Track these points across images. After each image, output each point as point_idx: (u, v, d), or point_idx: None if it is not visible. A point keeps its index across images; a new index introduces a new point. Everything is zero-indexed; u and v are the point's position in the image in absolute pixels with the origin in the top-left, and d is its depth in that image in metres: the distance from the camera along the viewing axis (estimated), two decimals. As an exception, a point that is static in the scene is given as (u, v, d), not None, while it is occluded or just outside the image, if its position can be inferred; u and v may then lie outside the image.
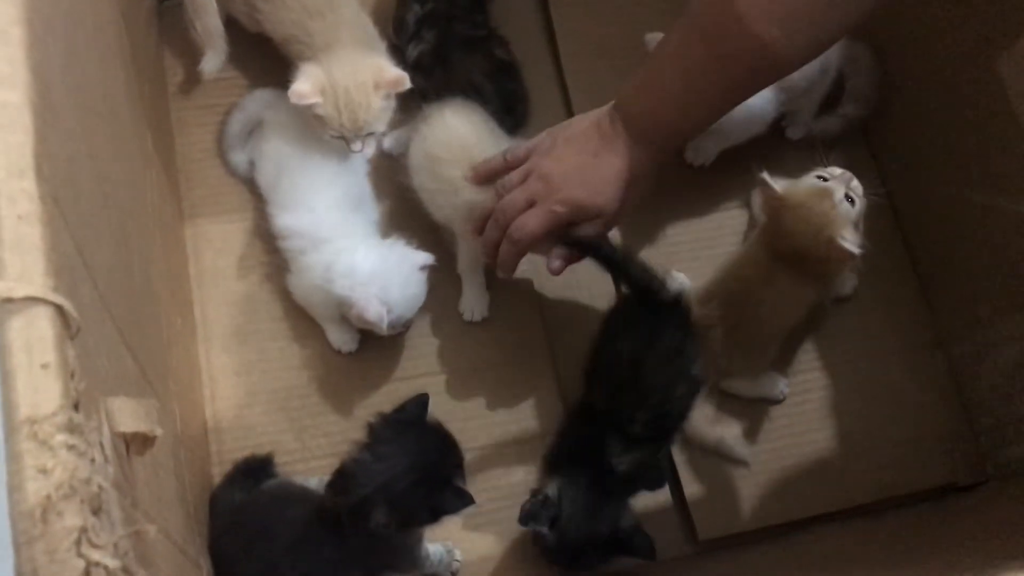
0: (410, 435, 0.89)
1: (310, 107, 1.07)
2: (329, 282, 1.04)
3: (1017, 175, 1.08)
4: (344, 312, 1.08)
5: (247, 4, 1.15)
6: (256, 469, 1.05)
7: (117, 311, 0.71)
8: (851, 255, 1.06)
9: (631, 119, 0.98)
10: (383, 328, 1.04)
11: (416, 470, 0.86)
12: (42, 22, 0.57)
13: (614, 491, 1.01)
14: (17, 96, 0.50)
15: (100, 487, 0.47)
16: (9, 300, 0.46)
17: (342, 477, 0.88)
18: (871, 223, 1.16)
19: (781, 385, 1.21)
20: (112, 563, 0.44)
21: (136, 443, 0.59)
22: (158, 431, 0.58)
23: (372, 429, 0.90)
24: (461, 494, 0.88)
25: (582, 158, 0.99)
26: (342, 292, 1.03)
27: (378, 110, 1.09)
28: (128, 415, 0.55)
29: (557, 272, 1.03)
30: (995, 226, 1.14)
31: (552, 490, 1.00)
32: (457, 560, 1.07)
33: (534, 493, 1.02)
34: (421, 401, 0.92)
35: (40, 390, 0.46)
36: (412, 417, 0.91)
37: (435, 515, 0.89)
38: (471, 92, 1.16)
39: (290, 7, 1.11)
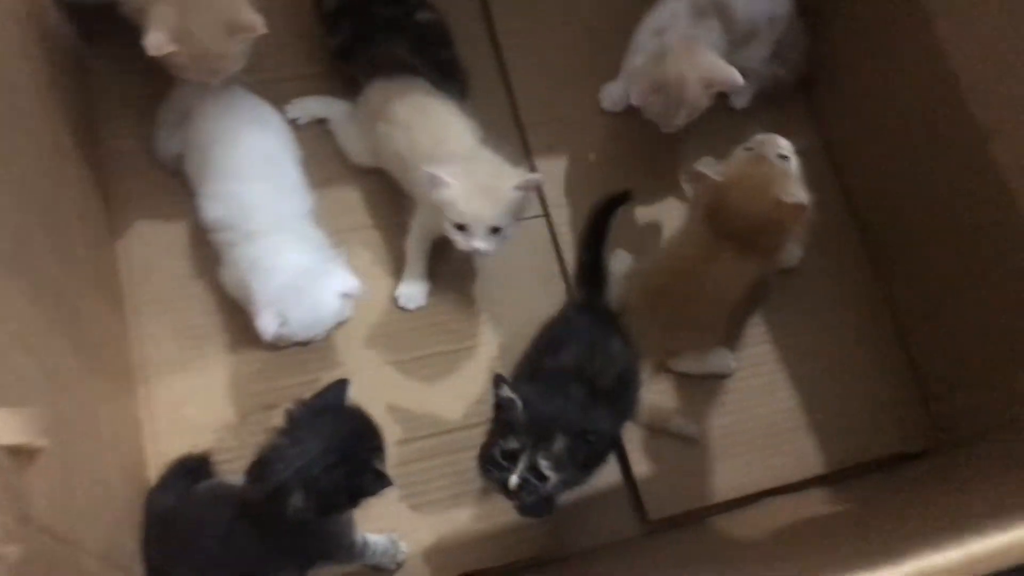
0: (327, 419, 0.88)
1: (167, 56, 1.00)
2: (250, 274, 1.02)
3: (960, 135, 1.07)
4: (246, 305, 1.05)
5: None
6: (193, 469, 1.03)
7: (15, 313, 0.68)
8: (802, 207, 1.05)
9: None
10: (266, 338, 1.01)
11: (333, 453, 0.85)
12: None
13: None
14: None
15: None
16: None
17: (259, 464, 0.86)
18: (815, 194, 1.15)
19: (729, 360, 1.19)
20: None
21: (24, 455, 0.56)
22: (41, 443, 0.56)
23: (290, 416, 0.88)
24: (379, 476, 0.87)
25: None
26: (253, 287, 1.01)
27: (236, 54, 1.04)
28: (6, 428, 0.52)
29: None
30: (940, 184, 1.13)
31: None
32: (403, 551, 1.05)
33: None
34: (340, 386, 0.91)
35: None
36: (331, 402, 0.90)
37: (354, 498, 0.87)
38: (402, 69, 1.14)
39: None
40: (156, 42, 0.98)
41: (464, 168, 1.03)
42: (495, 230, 1.03)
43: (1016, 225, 1.03)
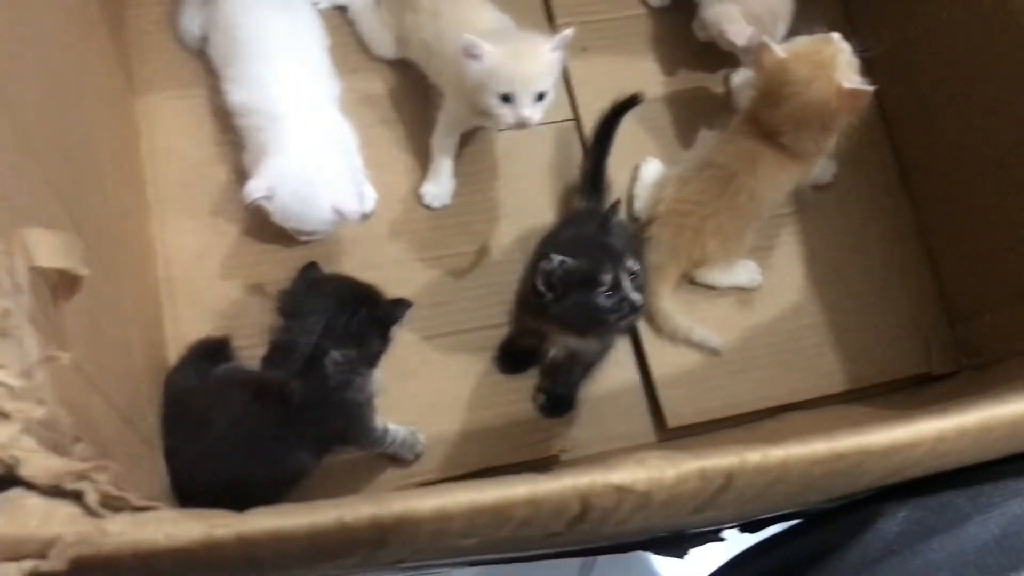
0: (322, 289, 0.90)
1: None
2: (267, 152, 1.01)
3: (1010, 46, 1.04)
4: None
5: None
6: (212, 352, 1.02)
7: (47, 158, 0.66)
8: (863, 94, 1.03)
9: None
10: (246, 200, 1.00)
11: (348, 304, 0.87)
12: None
13: None
14: None
15: (6, 310, 0.43)
16: None
17: (278, 348, 0.86)
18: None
19: (755, 273, 1.18)
20: (16, 383, 0.41)
21: (64, 285, 0.55)
22: (83, 271, 0.54)
23: (283, 299, 0.89)
24: (398, 301, 0.90)
25: None
26: (266, 159, 1.01)
27: None
28: (47, 249, 0.51)
29: None
30: (982, 100, 1.09)
31: None
32: (421, 442, 1.05)
33: None
34: (312, 264, 0.93)
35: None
36: (314, 277, 0.92)
37: (384, 331, 0.89)
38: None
39: None
40: None
41: (498, 39, 0.99)
42: (539, 97, 0.99)
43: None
